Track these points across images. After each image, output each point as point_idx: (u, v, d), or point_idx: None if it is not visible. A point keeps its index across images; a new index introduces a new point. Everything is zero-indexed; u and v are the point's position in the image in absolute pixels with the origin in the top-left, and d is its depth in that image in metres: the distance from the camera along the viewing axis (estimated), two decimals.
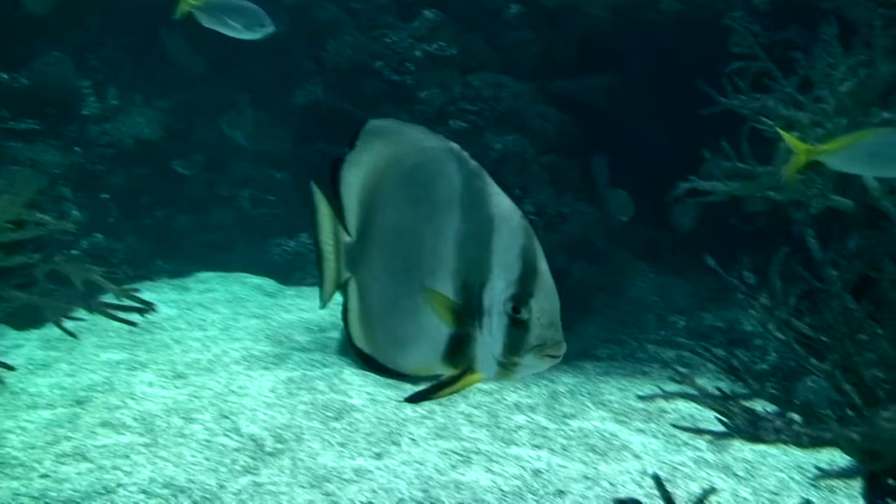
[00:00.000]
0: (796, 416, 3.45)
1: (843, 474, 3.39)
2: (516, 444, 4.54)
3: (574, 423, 4.83)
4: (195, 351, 5.75)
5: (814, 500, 3.87)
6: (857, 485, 3.47)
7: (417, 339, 1.79)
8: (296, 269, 7.47)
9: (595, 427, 4.78)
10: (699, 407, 4.48)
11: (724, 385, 4.53)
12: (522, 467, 4.22)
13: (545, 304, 1.69)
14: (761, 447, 4.53)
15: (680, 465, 4.30)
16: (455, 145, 1.76)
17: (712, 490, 2.76)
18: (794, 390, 4.83)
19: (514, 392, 5.26)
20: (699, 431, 3.67)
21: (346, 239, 1.89)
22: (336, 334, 6.01)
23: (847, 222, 5.28)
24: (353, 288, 1.89)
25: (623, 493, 3.90)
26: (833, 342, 3.53)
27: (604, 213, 6.10)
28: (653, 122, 6.15)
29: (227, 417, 4.68)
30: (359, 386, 5.14)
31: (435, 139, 1.78)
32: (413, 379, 1.92)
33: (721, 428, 3.43)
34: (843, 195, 5.41)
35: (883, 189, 5.33)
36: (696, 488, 3.91)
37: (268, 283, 7.46)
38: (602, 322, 6.10)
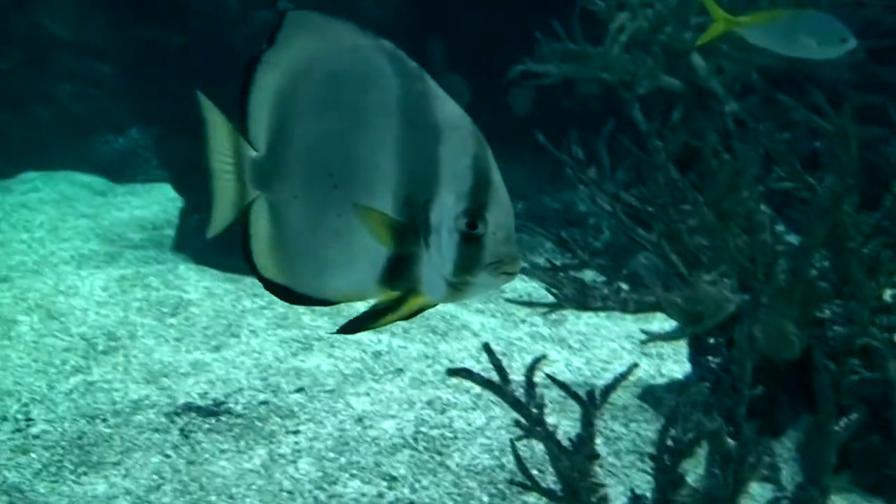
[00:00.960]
0: (624, 285, 3.55)
1: (669, 336, 3.53)
2: None
3: None
4: (20, 253, 5.49)
5: (644, 366, 4.02)
6: (685, 351, 3.61)
7: (348, 262, 1.59)
8: (127, 165, 7.18)
9: (436, 310, 4.81)
10: (537, 285, 4.58)
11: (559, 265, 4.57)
12: (363, 351, 4.23)
13: (500, 217, 1.52)
14: (595, 320, 4.67)
15: (517, 340, 4.40)
16: (389, 43, 1.56)
17: (543, 357, 2.81)
18: (626, 265, 4.95)
19: None
20: (531, 304, 3.76)
21: (252, 154, 1.64)
22: (171, 231, 5.83)
23: (676, 102, 5.41)
24: (259, 210, 1.65)
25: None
26: (658, 212, 3.63)
27: None
28: (489, 3, 6.09)
29: (56, 318, 4.49)
30: (195, 281, 5.02)
31: (367, 36, 1.57)
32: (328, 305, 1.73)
33: (551, 299, 3.51)
34: (672, 75, 5.53)
35: (709, 69, 5.46)
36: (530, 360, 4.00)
37: (97, 181, 7.14)
38: None
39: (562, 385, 2.92)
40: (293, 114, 1.61)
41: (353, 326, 1.65)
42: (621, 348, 4.33)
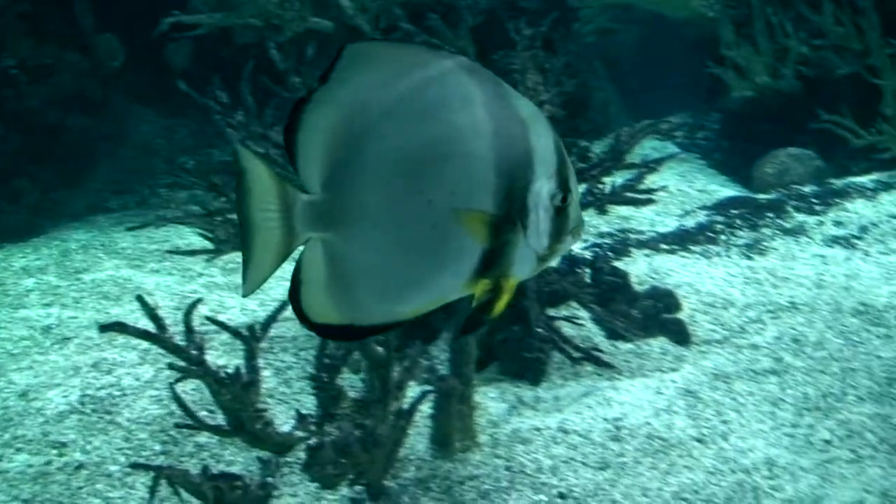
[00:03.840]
0: None
1: None
2: (25, 307, 4.34)
3: (87, 277, 4.69)
4: None
5: None
6: None
7: (438, 272, 1.58)
8: None
9: (109, 276, 4.68)
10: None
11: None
12: (31, 327, 4.06)
13: (574, 186, 1.63)
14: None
15: (192, 292, 4.36)
16: (462, 57, 1.57)
17: (199, 301, 2.83)
18: None
19: (23, 257, 5.00)
20: (191, 253, 3.75)
21: (305, 197, 1.57)
22: None
23: (327, 43, 5.51)
24: (313, 253, 1.59)
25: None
26: None
27: (95, 61, 5.83)
28: None
29: None
30: None
31: (436, 54, 1.57)
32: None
33: (208, 244, 3.52)
34: (322, 17, 5.62)
35: (355, 7, 5.58)
36: (205, 310, 4.00)
37: None
38: (110, 174, 5.92)
39: (221, 325, 2.96)
40: (359, 147, 1.57)
41: (467, 329, 1.72)
42: None
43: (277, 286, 4.40)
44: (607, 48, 7.22)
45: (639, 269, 4.17)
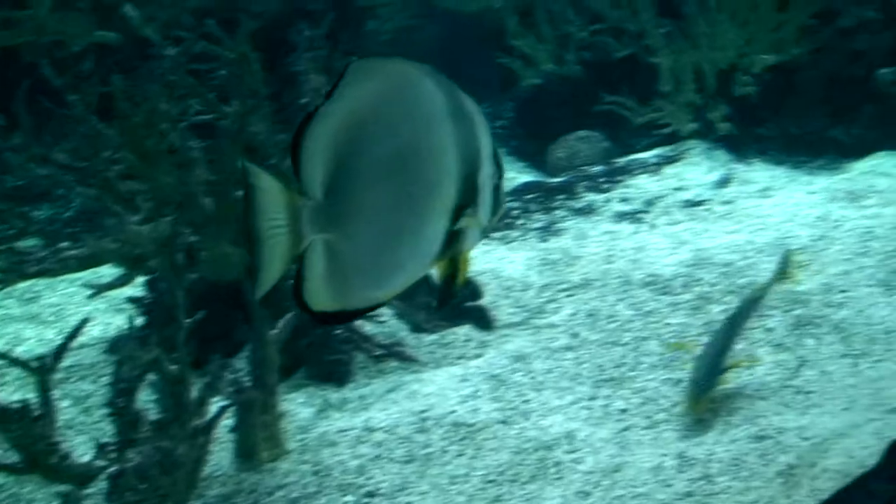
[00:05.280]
0: (66, 244, 3.50)
1: (116, 284, 3.54)
2: None
3: None
4: None
5: (118, 321, 3.99)
6: (132, 290, 3.65)
7: (412, 258, 1.84)
8: None
9: None
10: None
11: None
12: None
13: (502, 164, 1.92)
14: (72, 289, 4.55)
15: None
16: (427, 65, 1.83)
17: None
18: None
19: None
20: None
21: (309, 202, 1.77)
22: None
23: (117, 54, 5.37)
24: (315, 252, 1.79)
25: None
26: (89, 164, 3.60)
27: None
28: None
29: None
30: None
31: (410, 64, 1.82)
32: None
33: None
34: (108, 29, 5.46)
35: (142, 18, 5.45)
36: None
37: None
38: None
39: (11, 359, 2.86)
40: (355, 153, 1.79)
41: (446, 299, 1.99)
42: (95, 310, 4.27)
43: (77, 312, 4.28)
44: (408, 45, 7.29)
45: None
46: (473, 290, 3.92)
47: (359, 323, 3.54)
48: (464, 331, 3.78)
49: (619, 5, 5.55)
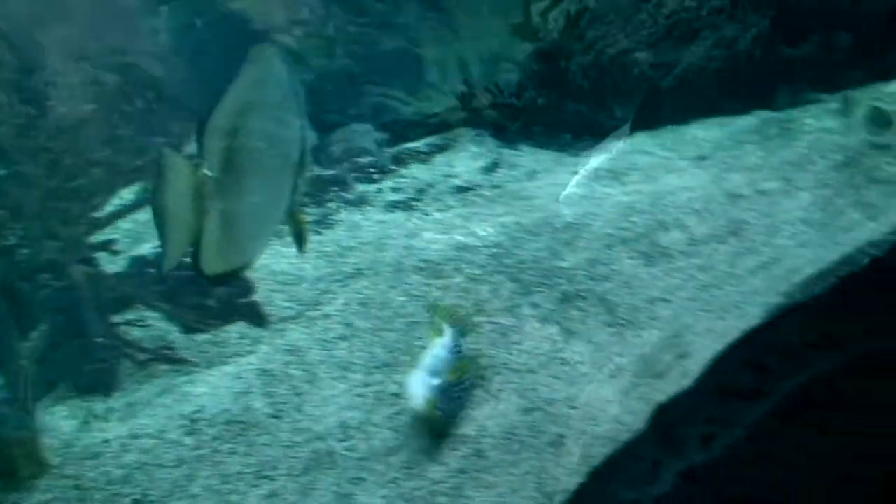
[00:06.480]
0: None
1: None
2: None
3: None
4: None
5: None
6: None
7: (276, 213, 2.19)
8: None
9: None
10: None
11: None
12: None
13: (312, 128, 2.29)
14: None
15: None
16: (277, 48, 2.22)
17: None
18: None
19: None
20: None
21: (210, 176, 2.04)
22: None
23: None
24: (213, 220, 2.04)
25: None
26: None
27: None
28: None
29: None
30: None
31: (276, 50, 2.21)
32: None
33: None
34: None
35: None
36: None
37: None
38: None
39: None
40: (242, 130, 2.10)
41: (302, 243, 2.39)
42: None
43: None
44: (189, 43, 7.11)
45: None
46: (245, 287, 3.86)
47: (123, 329, 3.42)
48: (238, 328, 3.72)
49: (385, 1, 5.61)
